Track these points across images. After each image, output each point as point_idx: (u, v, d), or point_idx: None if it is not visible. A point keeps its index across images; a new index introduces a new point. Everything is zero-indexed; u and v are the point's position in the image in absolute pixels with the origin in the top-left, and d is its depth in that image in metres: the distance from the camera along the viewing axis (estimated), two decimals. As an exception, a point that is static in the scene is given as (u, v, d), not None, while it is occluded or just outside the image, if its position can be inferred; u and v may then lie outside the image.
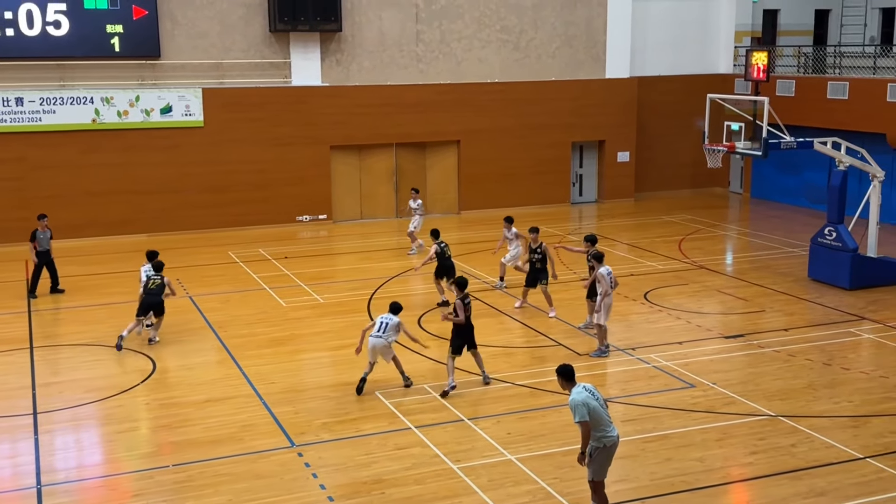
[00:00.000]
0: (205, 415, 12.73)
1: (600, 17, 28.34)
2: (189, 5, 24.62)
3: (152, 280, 15.79)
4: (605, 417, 9.27)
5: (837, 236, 18.77)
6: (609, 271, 14.57)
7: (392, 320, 13.40)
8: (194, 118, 24.84)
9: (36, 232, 18.70)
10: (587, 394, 9.23)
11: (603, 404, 9.34)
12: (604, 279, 14.47)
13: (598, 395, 9.36)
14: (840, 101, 25.60)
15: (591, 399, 9.21)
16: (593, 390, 9.35)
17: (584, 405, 9.13)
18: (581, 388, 9.31)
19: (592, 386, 9.43)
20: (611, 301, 14.60)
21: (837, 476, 10.62)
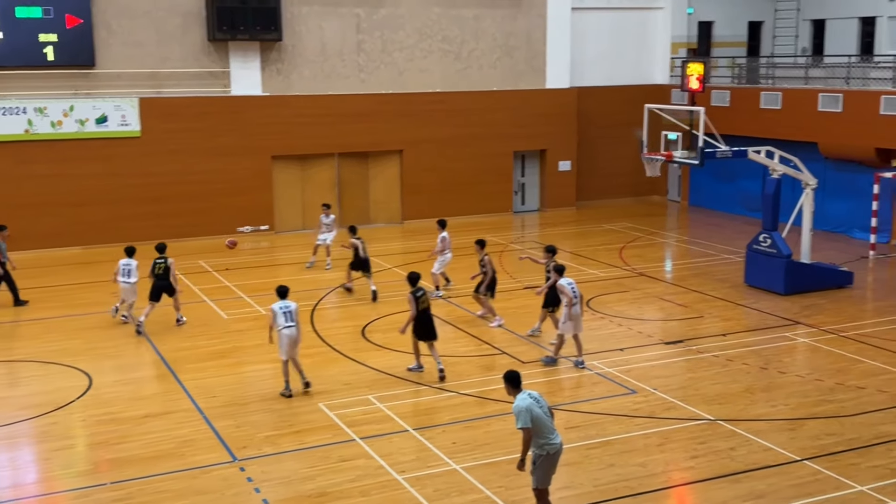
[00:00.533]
0: (144, 430, 12.48)
1: (540, 28, 28.64)
2: (125, 14, 24.23)
3: (158, 265, 16.68)
4: (548, 425, 9.30)
5: (772, 243, 19.19)
6: (570, 283, 14.66)
7: (293, 305, 13.59)
8: (131, 128, 24.42)
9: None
10: (531, 400, 9.26)
11: (547, 412, 9.37)
12: (566, 290, 14.53)
13: (544, 402, 9.40)
14: (773, 110, 26.23)
15: (535, 406, 9.24)
16: (538, 398, 9.38)
17: (527, 411, 9.15)
18: (526, 394, 9.33)
19: (538, 393, 9.46)
20: (578, 311, 14.65)
21: (775, 478, 10.83)
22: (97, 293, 19.78)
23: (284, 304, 13.58)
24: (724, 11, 32.14)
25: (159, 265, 16.79)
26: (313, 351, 15.77)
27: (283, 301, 13.62)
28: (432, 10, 27.30)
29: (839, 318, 17.42)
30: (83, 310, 18.59)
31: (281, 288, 13.85)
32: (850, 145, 24.07)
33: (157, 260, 16.86)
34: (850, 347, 15.63)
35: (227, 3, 24.44)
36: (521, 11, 28.38)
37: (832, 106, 24.39)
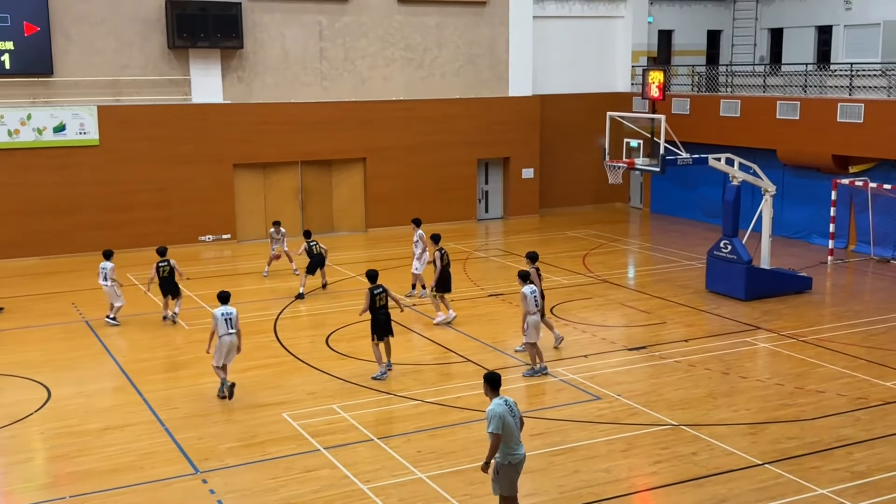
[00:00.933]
0: (103, 443, 12.28)
1: (502, 36, 28.76)
2: (84, 21, 23.93)
3: (162, 268, 17.46)
4: (515, 436, 9.28)
5: (732, 249, 19.40)
6: (532, 290, 14.68)
7: (234, 311, 13.74)
8: (89, 136, 24.10)
9: None
10: (506, 407, 9.23)
11: (518, 422, 9.33)
12: (526, 298, 14.56)
13: (517, 412, 9.36)
14: (732, 118, 26.57)
15: (508, 414, 9.22)
16: (513, 406, 9.34)
17: (500, 418, 9.13)
18: (502, 400, 9.30)
19: (514, 402, 9.42)
20: (536, 320, 14.66)
21: (738, 482, 10.93)
22: (55, 304, 19.48)
23: (226, 311, 13.63)
24: (683, 20, 32.56)
25: (163, 268, 17.59)
26: (276, 361, 15.65)
27: (225, 307, 13.69)
28: (395, 18, 27.31)
29: (799, 322, 17.65)
30: (41, 321, 18.29)
31: (222, 293, 13.92)
32: (807, 152, 24.45)
33: (160, 263, 17.61)
34: (810, 352, 15.84)
35: (188, 10, 24.26)
36: (484, 20, 28.49)
37: (790, 113, 24.77)
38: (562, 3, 30.59)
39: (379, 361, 14.56)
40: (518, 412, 9.38)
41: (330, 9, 26.48)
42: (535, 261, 15.99)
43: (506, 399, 9.34)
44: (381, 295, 14.41)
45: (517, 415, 9.34)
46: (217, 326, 13.53)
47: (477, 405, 13.41)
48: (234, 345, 13.68)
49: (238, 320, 13.81)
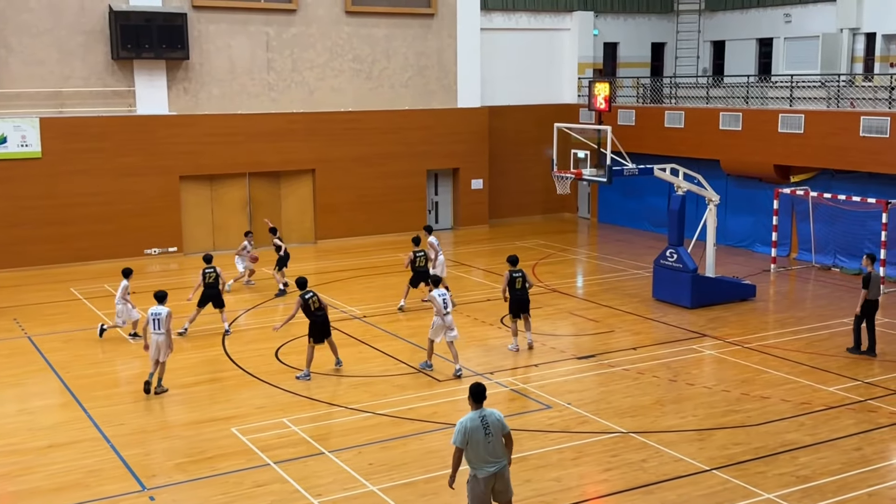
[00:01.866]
0: (48, 461, 12.02)
1: (450, 47, 28.89)
2: (25, 32, 23.49)
3: (208, 274, 17.21)
4: (480, 453, 8.94)
5: (678, 258, 19.69)
6: (441, 293, 15.09)
7: (163, 312, 14.05)
8: (31, 149, 23.62)
9: None
10: (478, 421, 8.93)
11: (491, 439, 8.98)
12: (435, 301, 15.00)
13: (494, 427, 9.00)
14: (677, 129, 27.02)
15: (478, 430, 8.92)
16: (491, 421, 8.98)
17: (464, 432, 8.91)
18: (477, 414, 8.99)
19: (497, 416, 9.07)
20: (440, 322, 15.05)
21: (686, 489, 11.07)
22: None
23: (156, 311, 14.30)
24: (628, 33, 33.04)
25: (209, 274, 17.41)
26: (225, 374, 15.47)
27: (156, 307, 14.34)
28: (343, 30, 27.28)
29: (743, 329, 17.97)
30: (-19, 337, 17.85)
31: (158, 293, 14.58)
32: (750, 162, 24.95)
33: (206, 269, 17.49)
34: (755, 358, 16.14)
35: (132, 20, 23.94)
36: (432, 31, 28.60)
37: (733, 124, 25.26)
38: (509, 15, 30.85)
39: (308, 363, 15.03)
40: (495, 427, 9.01)
41: (277, 20, 26.36)
42: (514, 263, 16.83)
43: (484, 413, 9.01)
44: (312, 299, 14.98)
45: (492, 431, 8.98)
46: (147, 325, 14.36)
47: (428, 416, 13.41)
48: (159, 344, 14.20)
49: (168, 322, 14.24)
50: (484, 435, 8.97)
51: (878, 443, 12.41)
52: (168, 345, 14.37)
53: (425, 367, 15.48)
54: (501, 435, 9.13)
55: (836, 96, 24.16)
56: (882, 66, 26.99)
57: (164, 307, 14.37)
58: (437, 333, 15.22)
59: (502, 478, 9.15)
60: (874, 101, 23.01)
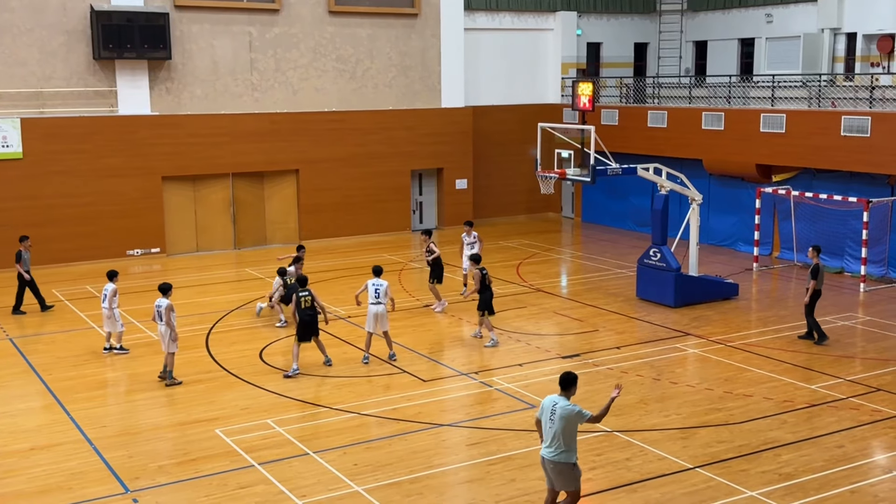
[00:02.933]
0: (29, 464, 11.93)
1: (434, 47, 28.89)
2: (6, 32, 23.31)
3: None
4: (544, 431, 9.57)
5: (661, 257, 19.77)
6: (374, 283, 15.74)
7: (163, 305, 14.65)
8: (12, 150, 23.44)
9: (21, 252, 19.21)
10: (550, 405, 9.50)
11: (552, 425, 9.44)
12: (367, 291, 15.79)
13: (559, 416, 9.42)
14: (660, 129, 27.12)
15: (547, 411, 9.51)
16: (555, 408, 9.46)
17: (541, 406, 9.66)
18: (556, 397, 9.57)
19: (568, 409, 9.42)
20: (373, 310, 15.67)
21: (670, 487, 11.12)
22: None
23: (157, 303, 14.80)
24: (611, 33, 33.15)
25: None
26: (209, 376, 15.41)
27: (159, 299, 14.83)
28: (326, 29, 27.22)
29: (726, 328, 18.06)
30: (-38, 340, 17.70)
31: (161, 285, 14.98)
32: (732, 161, 25.07)
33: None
34: (737, 357, 16.22)
35: (114, 20, 23.80)
36: (416, 31, 28.59)
37: (715, 124, 25.38)
38: (492, 15, 30.88)
39: (295, 360, 15.17)
40: (561, 418, 9.41)
41: (260, 19, 26.27)
42: (478, 262, 17.20)
43: (557, 401, 9.52)
44: (305, 298, 15.11)
45: (556, 419, 9.42)
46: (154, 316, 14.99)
47: (413, 416, 13.41)
48: (161, 334, 14.77)
49: (167, 314, 14.60)
50: (549, 418, 9.51)
51: (860, 440, 12.50)
52: (172, 338, 14.66)
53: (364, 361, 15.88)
54: (567, 428, 9.47)
55: (817, 96, 24.32)
56: (863, 66, 27.19)
57: (164, 300, 14.70)
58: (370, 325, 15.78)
59: (555, 468, 9.60)
60: (855, 101, 23.17)
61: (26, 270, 19.25)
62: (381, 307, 15.64)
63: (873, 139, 21.46)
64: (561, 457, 9.48)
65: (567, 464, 9.51)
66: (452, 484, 11.41)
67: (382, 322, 15.74)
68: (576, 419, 9.45)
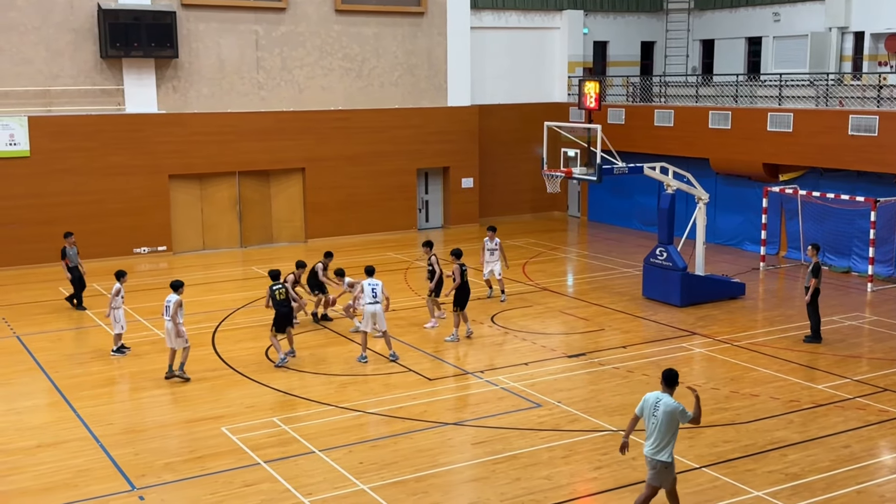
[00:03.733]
0: (36, 461, 11.96)
1: (440, 46, 28.88)
2: (13, 30, 23.36)
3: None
4: (647, 428, 9.70)
5: (668, 256, 19.73)
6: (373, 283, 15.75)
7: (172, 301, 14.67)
8: (20, 148, 23.51)
9: (65, 249, 19.38)
10: (652, 402, 9.62)
11: (655, 422, 9.56)
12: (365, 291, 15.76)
13: (662, 414, 9.54)
14: (666, 128, 27.06)
15: (650, 408, 9.62)
16: (657, 404, 9.58)
17: (642, 402, 9.75)
18: (659, 394, 9.68)
19: (671, 407, 9.52)
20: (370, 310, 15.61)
21: (679, 486, 11.07)
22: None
23: (167, 299, 14.88)
24: (617, 32, 33.09)
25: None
26: (215, 374, 15.43)
27: (169, 295, 14.90)
28: (332, 28, 27.23)
29: (733, 328, 18.02)
30: (-31, 337, 17.76)
31: (173, 282, 15.07)
32: (739, 161, 25.01)
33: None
34: (744, 356, 16.18)
35: (121, 18, 23.85)
36: (422, 30, 28.58)
37: (722, 123, 25.32)
38: (499, 14, 30.85)
39: (279, 350, 15.54)
40: (664, 416, 9.51)
41: (267, 18, 26.29)
42: (459, 257, 17.20)
43: (661, 398, 9.60)
44: (279, 290, 15.54)
45: (659, 417, 9.52)
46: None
47: (418, 415, 13.41)
48: (168, 331, 14.82)
49: (174, 310, 14.67)
50: (652, 414, 9.63)
51: (867, 440, 12.46)
52: (178, 333, 14.75)
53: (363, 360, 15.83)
54: (668, 426, 9.55)
55: (824, 95, 24.25)
56: (870, 65, 27.10)
57: (174, 295, 14.81)
58: (366, 325, 15.79)
59: (654, 466, 9.71)
60: (862, 100, 23.10)
61: (73, 266, 19.41)
62: (378, 307, 15.62)
63: (881, 138, 21.39)
64: (658, 453, 9.66)
65: (663, 462, 9.68)
66: (457, 483, 11.41)
67: (380, 321, 15.69)
68: (679, 416, 9.60)
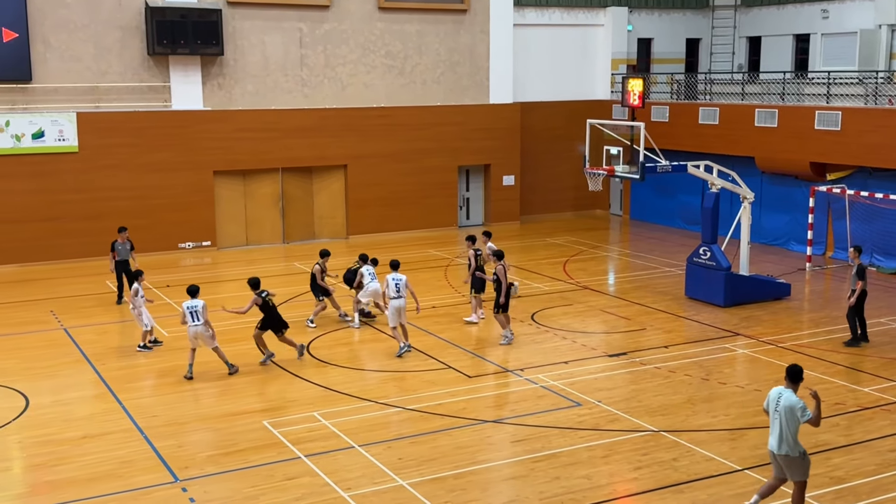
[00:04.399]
0: (82, 452, 12.19)
1: (483, 43, 28.85)
2: (63, 28, 23.80)
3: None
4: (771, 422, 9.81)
5: (711, 256, 19.53)
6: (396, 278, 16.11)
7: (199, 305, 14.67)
8: (68, 143, 23.95)
9: (115, 243, 19.62)
10: (775, 397, 9.74)
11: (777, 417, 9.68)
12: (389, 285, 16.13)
13: (783, 410, 9.63)
14: (711, 125, 26.77)
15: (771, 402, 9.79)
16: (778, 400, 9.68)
17: (767, 398, 9.90)
18: (782, 389, 9.79)
19: (791, 402, 9.60)
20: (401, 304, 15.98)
21: (717, 488, 10.98)
22: (33, 312, 19.33)
23: (192, 304, 14.87)
24: (662, 28, 32.78)
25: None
26: (257, 368, 15.59)
27: (191, 300, 14.90)
28: (375, 26, 27.34)
29: (777, 329, 17.78)
30: (19, 329, 18.13)
31: (191, 287, 15.12)
32: (785, 159, 24.65)
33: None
34: (789, 358, 15.94)
35: (168, 16, 24.18)
36: (464, 27, 28.58)
37: (768, 121, 24.98)
38: (542, 11, 30.73)
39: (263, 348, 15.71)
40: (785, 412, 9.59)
41: (311, 16, 26.48)
42: (501, 258, 16.87)
43: (783, 393, 9.71)
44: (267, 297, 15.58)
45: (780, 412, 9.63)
46: (184, 319, 14.96)
47: (458, 412, 13.42)
48: (198, 334, 14.83)
49: (205, 312, 14.83)
50: (773, 410, 9.77)
51: (915, 445, 12.23)
52: (212, 335, 15.02)
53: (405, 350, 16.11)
54: (790, 422, 9.63)
55: (873, 93, 23.80)
56: (921, 63, 26.56)
57: (199, 300, 14.93)
58: (393, 319, 16.08)
59: (784, 460, 9.78)
60: (913, 98, 22.65)
61: (121, 261, 19.61)
62: (402, 301, 15.98)
63: (932, 137, 20.94)
64: (785, 449, 9.69)
65: (794, 456, 9.72)
66: (496, 480, 11.41)
67: (402, 314, 16.12)
68: (797, 414, 9.60)
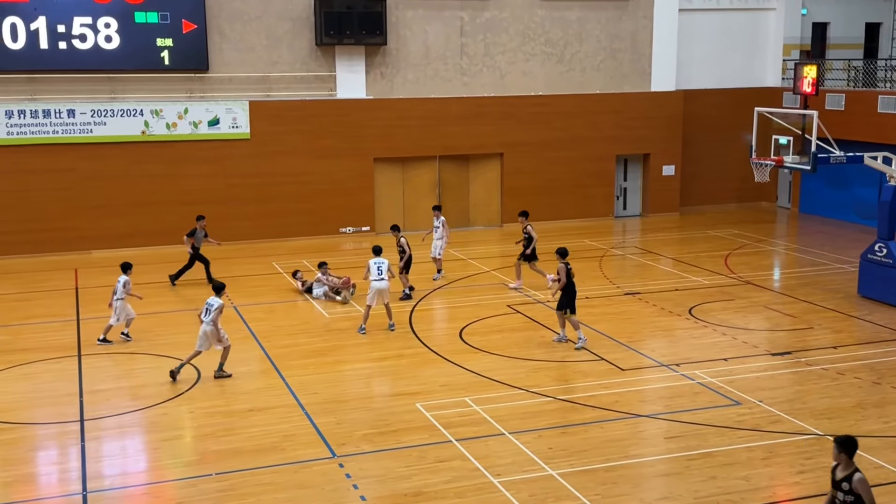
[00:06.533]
0: (248, 424, 12.83)
1: (646, 29, 28.19)
2: (237, 19, 24.98)
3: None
4: None
5: (888, 253, 18.42)
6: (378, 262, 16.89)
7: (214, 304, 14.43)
8: (241, 130, 25.16)
9: (195, 230, 20.80)
10: None
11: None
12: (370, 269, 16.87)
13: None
14: (891, 115, 25.17)
15: None
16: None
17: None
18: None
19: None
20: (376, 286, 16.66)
21: (887, 498, 10.36)
22: (207, 289, 20.41)
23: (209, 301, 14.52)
24: (840, 12, 31.00)
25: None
26: (411, 352, 15.93)
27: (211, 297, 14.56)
28: (536, 13, 27.22)
29: (960, 332, 16.58)
30: (194, 305, 19.19)
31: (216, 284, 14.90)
32: (975, 151, 22.85)
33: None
34: (972, 364, 14.84)
35: (335, 8, 24.95)
36: (627, 13, 28.01)
37: (956, 110, 23.24)
38: (709, -5, 29.73)
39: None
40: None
41: (471, 5, 26.65)
42: (564, 256, 15.93)
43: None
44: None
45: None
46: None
47: (610, 404, 13.25)
48: (206, 333, 14.40)
49: (216, 314, 14.35)
50: None
51: None
52: (217, 338, 14.45)
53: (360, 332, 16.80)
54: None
55: None
56: None
57: (217, 299, 14.47)
58: (372, 299, 16.71)
59: None
60: None
61: (195, 247, 20.68)
62: (384, 283, 16.68)
63: None
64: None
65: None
66: (648, 476, 11.20)
67: (385, 295, 16.78)
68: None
